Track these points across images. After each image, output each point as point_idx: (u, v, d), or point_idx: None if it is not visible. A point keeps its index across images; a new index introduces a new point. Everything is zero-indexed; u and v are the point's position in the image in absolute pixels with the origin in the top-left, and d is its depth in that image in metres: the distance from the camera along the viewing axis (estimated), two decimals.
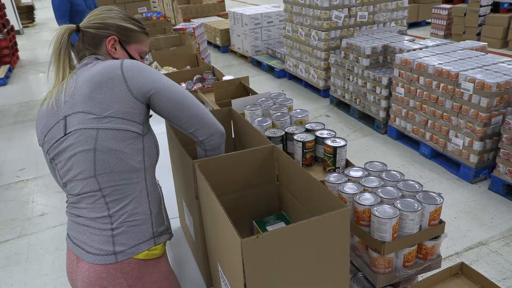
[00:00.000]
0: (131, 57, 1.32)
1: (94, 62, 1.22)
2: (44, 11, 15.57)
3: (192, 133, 1.23)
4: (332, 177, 1.37)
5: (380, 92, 4.06)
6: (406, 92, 3.72)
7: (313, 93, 5.45)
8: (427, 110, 3.55)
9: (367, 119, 4.46)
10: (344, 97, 4.70)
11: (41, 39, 10.56)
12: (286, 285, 0.97)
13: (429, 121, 3.55)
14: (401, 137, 4.00)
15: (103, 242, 1.14)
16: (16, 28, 10.09)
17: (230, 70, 6.65)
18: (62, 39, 1.22)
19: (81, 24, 1.29)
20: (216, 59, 7.37)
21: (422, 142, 3.70)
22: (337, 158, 1.56)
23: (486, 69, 3.20)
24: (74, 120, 1.14)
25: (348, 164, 1.61)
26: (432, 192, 1.23)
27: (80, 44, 1.30)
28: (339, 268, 1.03)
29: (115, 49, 1.30)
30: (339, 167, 1.58)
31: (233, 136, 1.80)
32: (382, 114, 4.13)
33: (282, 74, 6.14)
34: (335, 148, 1.54)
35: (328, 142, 1.58)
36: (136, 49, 1.35)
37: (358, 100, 4.44)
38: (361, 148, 3.97)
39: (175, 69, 3.38)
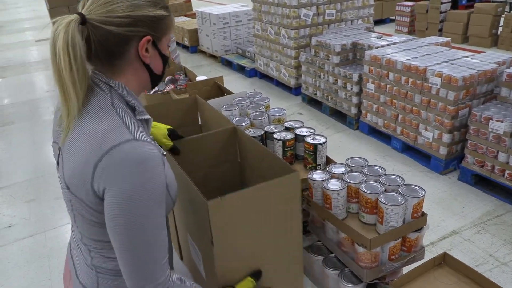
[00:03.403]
0: (163, 56, 0.99)
1: (100, 98, 0.90)
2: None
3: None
4: (315, 175, 1.37)
5: (351, 89, 4.12)
6: (376, 87, 3.79)
7: (285, 91, 5.48)
8: (397, 105, 3.63)
9: (339, 115, 4.52)
10: (315, 94, 4.74)
11: None
12: (246, 241, 1.10)
13: (400, 116, 3.64)
14: (373, 132, 4.08)
15: (89, 278, 1.04)
16: None
17: (200, 71, 6.58)
18: (71, 41, 0.82)
19: (86, 13, 0.86)
20: (185, 60, 7.27)
21: (393, 136, 3.78)
22: (317, 155, 1.56)
23: (452, 64, 3.31)
24: (62, 163, 0.93)
25: (328, 161, 1.61)
26: (413, 185, 1.25)
27: (89, 47, 0.89)
28: (292, 225, 1.17)
29: (147, 51, 0.93)
30: (320, 164, 1.58)
31: (200, 123, 1.81)
32: (353, 110, 4.19)
33: (253, 73, 6.13)
34: (315, 146, 1.54)
35: (308, 139, 1.58)
36: (166, 40, 0.99)
37: (329, 97, 4.49)
38: (335, 144, 4.02)
39: None
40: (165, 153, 0.99)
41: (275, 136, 1.64)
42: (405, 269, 1.30)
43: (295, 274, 1.25)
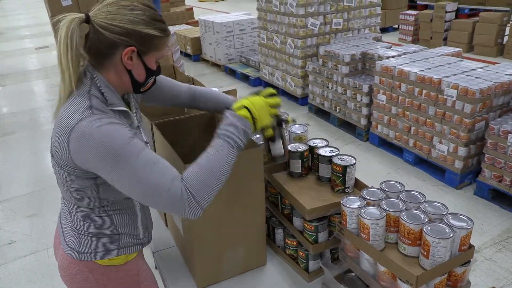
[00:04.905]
0: (147, 68, 1.13)
1: (81, 89, 1.06)
2: None
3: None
4: (349, 200, 1.27)
5: (361, 100, 4.04)
6: (388, 99, 3.71)
7: (291, 101, 5.39)
8: (409, 116, 3.54)
9: (347, 126, 4.43)
10: (323, 104, 4.66)
11: None
12: (217, 202, 1.19)
13: (412, 128, 3.55)
14: (384, 144, 3.98)
15: (73, 239, 1.21)
16: None
17: (203, 79, 6.49)
18: (71, 35, 1.01)
19: (92, 16, 1.05)
20: (188, 68, 7.18)
21: (405, 149, 3.69)
22: (346, 178, 1.46)
23: (467, 75, 3.23)
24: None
25: (357, 183, 1.52)
26: (460, 214, 1.15)
27: (87, 42, 1.08)
28: (256, 191, 1.41)
29: (131, 60, 1.09)
30: (348, 187, 1.48)
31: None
32: (363, 122, 4.11)
33: (257, 82, 6.04)
34: (344, 167, 1.44)
35: (336, 160, 1.48)
36: (155, 56, 1.13)
37: (338, 107, 4.41)
38: None
39: None
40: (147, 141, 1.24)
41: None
42: None
43: (259, 235, 1.48)
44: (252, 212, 1.44)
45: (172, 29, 8.25)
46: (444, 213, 1.17)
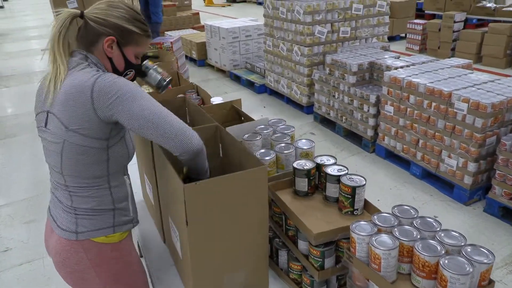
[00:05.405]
0: (126, 59, 1.32)
1: (81, 65, 1.24)
2: (7, 21, 14.88)
3: (166, 148, 1.24)
4: (359, 226, 1.19)
5: (368, 110, 3.95)
6: (396, 110, 3.62)
7: (296, 109, 5.31)
8: (418, 129, 3.45)
9: (353, 137, 4.34)
10: (329, 114, 4.57)
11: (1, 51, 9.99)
12: (217, 224, 1.26)
13: (420, 141, 3.46)
14: (390, 156, 3.89)
15: (69, 222, 1.29)
16: None
17: (207, 85, 6.43)
18: (62, 25, 1.22)
19: (85, 12, 1.28)
20: (193, 73, 7.12)
21: (413, 162, 3.60)
22: (355, 199, 1.38)
23: (478, 89, 3.14)
24: (51, 120, 1.22)
25: (367, 205, 1.43)
26: (480, 246, 1.07)
27: (79, 33, 1.30)
28: (259, 213, 1.33)
29: (111, 48, 1.29)
30: (357, 209, 1.40)
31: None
32: (370, 133, 4.02)
33: (262, 89, 5.97)
34: (354, 188, 1.37)
35: (345, 180, 1.40)
36: (133, 51, 1.33)
37: (344, 117, 4.33)
38: (350, 168, 3.79)
39: None
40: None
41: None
42: None
43: (260, 258, 1.40)
44: (254, 232, 1.36)
45: (178, 33, 8.22)
46: (462, 244, 1.08)
